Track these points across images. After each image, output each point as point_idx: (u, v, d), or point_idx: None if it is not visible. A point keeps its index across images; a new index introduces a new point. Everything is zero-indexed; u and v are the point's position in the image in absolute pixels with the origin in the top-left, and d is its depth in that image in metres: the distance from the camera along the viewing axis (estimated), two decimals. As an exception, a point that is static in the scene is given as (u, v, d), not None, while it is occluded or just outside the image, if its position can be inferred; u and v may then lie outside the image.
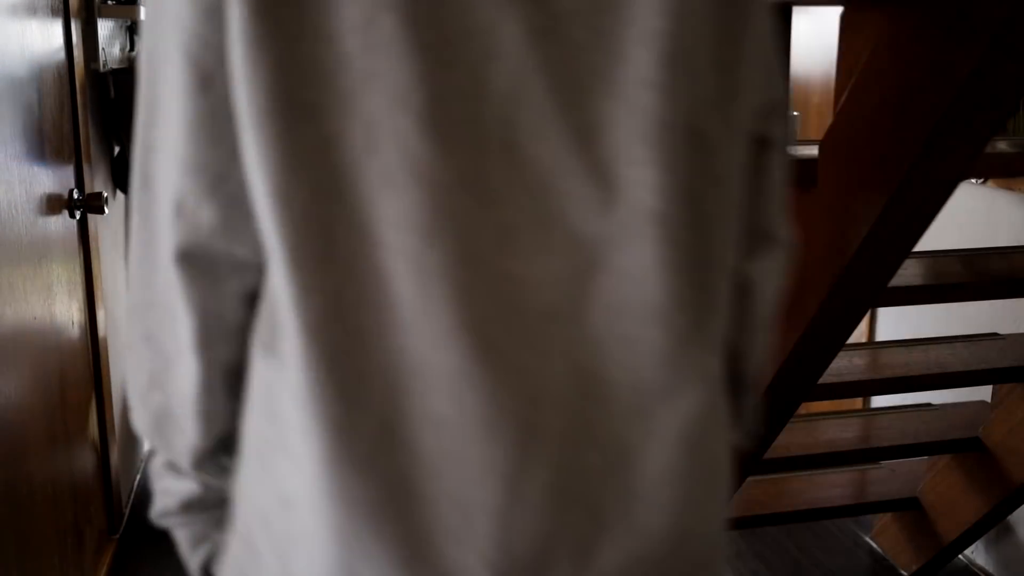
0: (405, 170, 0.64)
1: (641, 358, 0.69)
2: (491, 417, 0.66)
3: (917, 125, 1.10)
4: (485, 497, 0.67)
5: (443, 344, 0.66)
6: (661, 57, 0.65)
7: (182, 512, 0.92)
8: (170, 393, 0.76)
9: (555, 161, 0.67)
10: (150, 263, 0.72)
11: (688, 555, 0.73)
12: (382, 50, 0.62)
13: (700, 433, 0.71)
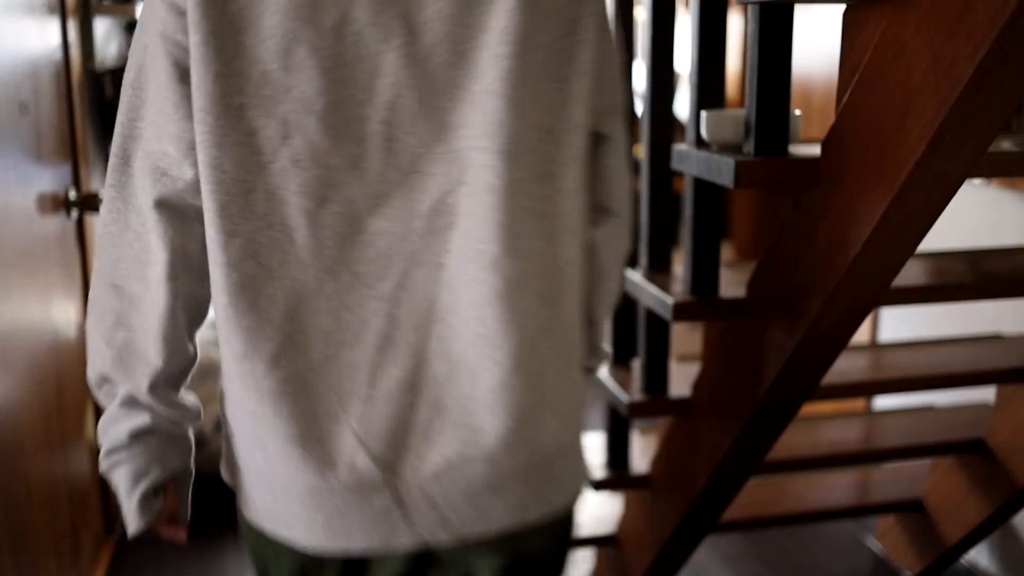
0: (308, 155, 0.94)
1: (483, 296, 0.96)
2: (359, 330, 0.97)
3: (920, 124, 1.09)
4: (353, 388, 0.97)
5: (328, 278, 0.96)
6: (503, 74, 0.94)
7: (130, 443, 1.12)
8: (135, 327, 1.02)
9: (422, 150, 0.96)
10: (123, 223, 0.99)
11: (518, 454, 0.99)
12: (294, 70, 0.92)
13: (530, 357, 0.98)
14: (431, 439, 0.99)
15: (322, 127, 0.94)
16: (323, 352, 0.98)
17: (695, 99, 1.57)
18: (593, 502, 2.28)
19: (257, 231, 0.95)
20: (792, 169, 1.34)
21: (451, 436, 0.98)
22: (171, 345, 1.07)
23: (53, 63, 2.11)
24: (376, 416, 0.98)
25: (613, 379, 1.95)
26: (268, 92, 0.92)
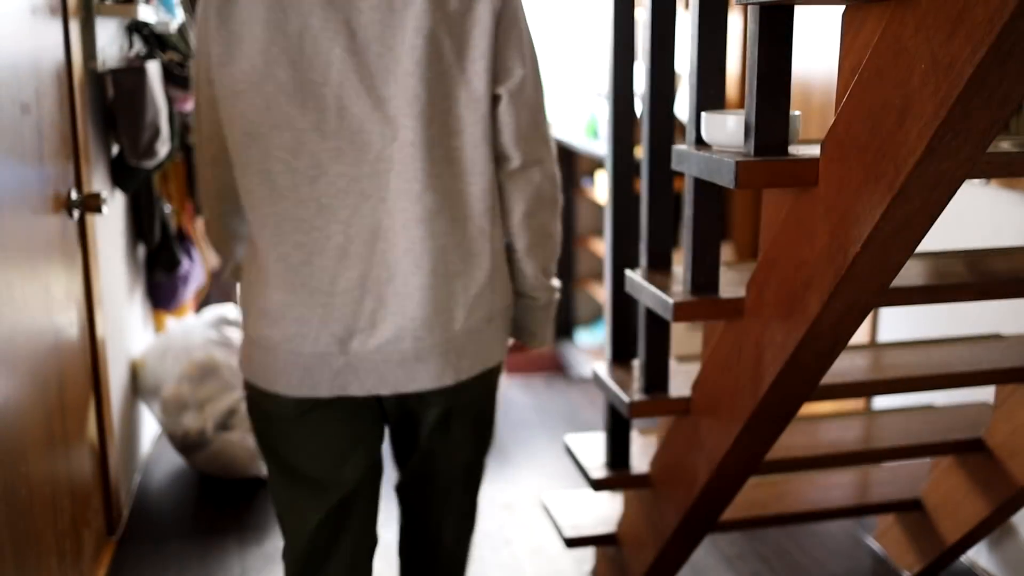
0: (283, 122, 1.38)
1: (411, 220, 1.41)
2: (324, 244, 1.42)
3: (919, 125, 1.09)
4: (320, 285, 1.43)
5: (303, 207, 1.41)
6: (417, 60, 1.36)
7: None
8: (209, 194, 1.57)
9: (364, 116, 1.39)
10: (200, 162, 1.55)
11: (435, 335, 1.46)
12: (272, 65, 1.36)
13: (443, 265, 1.44)
14: (375, 323, 1.45)
15: (292, 102, 1.38)
16: (300, 260, 1.43)
17: (695, 100, 1.57)
18: (593, 502, 2.28)
19: (254, 175, 1.42)
20: (792, 169, 1.34)
21: (389, 322, 1.45)
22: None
23: (55, 64, 2.11)
24: (336, 305, 1.44)
25: (613, 379, 1.95)
26: (255, 80, 1.38)
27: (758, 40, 1.34)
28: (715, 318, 1.65)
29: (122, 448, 2.76)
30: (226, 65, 1.39)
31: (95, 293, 2.38)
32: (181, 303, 3.32)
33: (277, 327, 1.46)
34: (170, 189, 3.22)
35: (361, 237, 1.42)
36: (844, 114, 1.24)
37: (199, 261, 3.33)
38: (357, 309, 1.45)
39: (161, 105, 2.69)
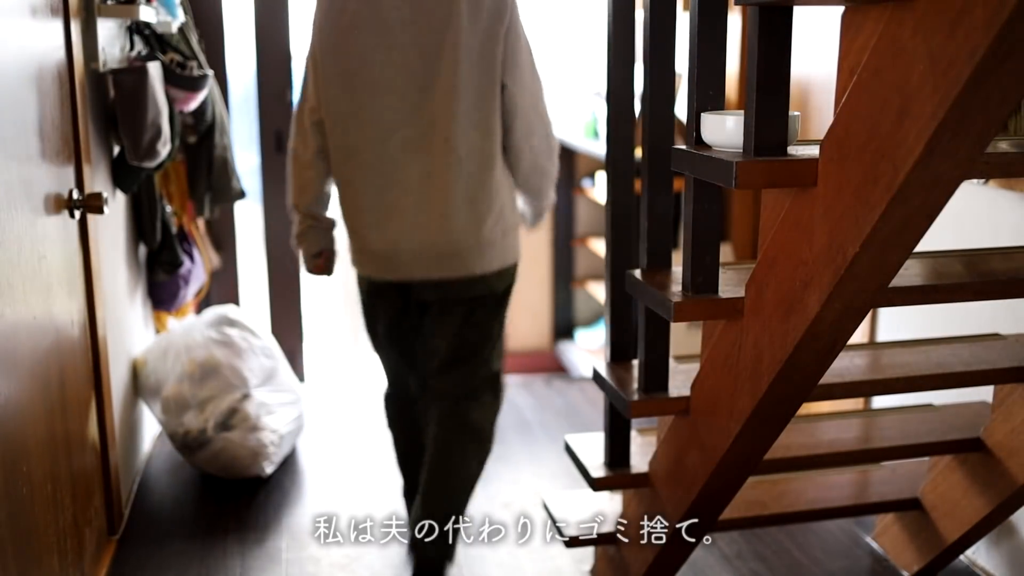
0: (343, 104, 2.25)
1: (449, 166, 2.22)
2: (391, 182, 2.26)
3: (918, 125, 1.10)
4: (385, 209, 2.29)
5: (366, 159, 2.26)
6: (454, 57, 2.15)
7: (304, 232, 2.45)
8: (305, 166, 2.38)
9: (421, 101, 2.20)
10: (297, 128, 2.37)
11: (466, 238, 2.26)
12: (330, 68, 2.24)
13: (468, 199, 2.24)
14: (416, 234, 2.27)
15: (346, 93, 2.24)
16: (374, 194, 2.28)
17: (695, 100, 1.58)
18: (593, 501, 2.29)
19: (338, 136, 2.28)
20: (791, 170, 1.35)
21: (425, 232, 2.26)
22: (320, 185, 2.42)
23: (56, 64, 2.11)
24: (394, 221, 2.28)
25: (613, 379, 1.96)
26: (329, 77, 2.25)
27: (758, 40, 1.35)
28: (714, 318, 1.66)
29: (123, 447, 2.76)
30: (317, 67, 2.29)
31: (96, 293, 2.39)
32: (182, 303, 3.32)
33: (367, 236, 2.33)
34: (171, 189, 3.22)
35: (416, 177, 2.25)
36: (843, 114, 1.24)
37: (200, 261, 3.33)
38: (407, 225, 2.28)
39: (162, 105, 2.70)
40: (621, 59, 1.92)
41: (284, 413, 3.08)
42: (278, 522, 2.79)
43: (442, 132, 2.20)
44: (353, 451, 3.35)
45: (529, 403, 3.87)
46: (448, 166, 2.21)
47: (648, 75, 1.76)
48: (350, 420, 3.68)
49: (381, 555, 2.58)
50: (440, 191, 2.23)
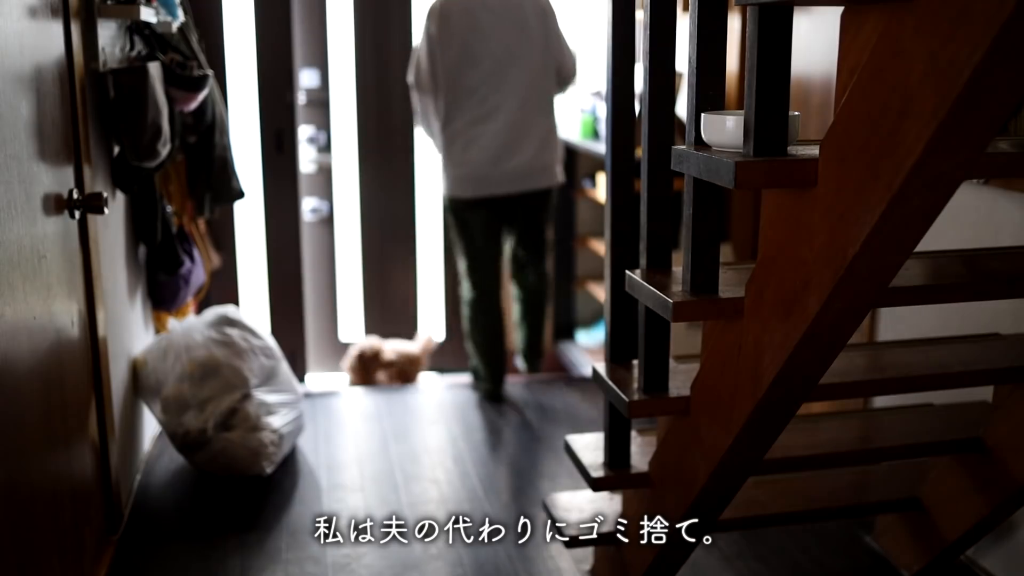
0: (462, 73, 3.58)
1: (525, 108, 3.61)
2: (487, 118, 3.59)
3: (918, 125, 1.10)
4: (484, 139, 3.61)
5: (478, 100, 3.59)
6: (526, 49, 3.61)
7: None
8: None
9: (511, 68, 3.59)
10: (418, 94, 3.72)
11: (533, 167, 3.63)
12: (454, 49, 3.56)
13: (546, 134, 3.68)
14: (505, 158, 3.57)
15: (466, 65, 3.55)
16: (472, 126, 3.58)
17: (694, 100, 1.58)
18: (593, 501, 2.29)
19: (453, 89, 3.58)
20: (791, 170, 1.35)
21: (511, 159, 3.58)
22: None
23: (56, 64, 2.12)
24: (487, 148, 3.57)
25: (613, 379, 1.96)
26: (451, 55, 3.54)
27: (757, 40, 1.35)
28: (714, 318, 1.66)
29: (123, 447, 2.76)
30: (430, 47, 3.57)
31: (96, 293, 2.39)
32: (182, 303, 3.32)
33: (463, 162, 3.59)
34: (171, 189, 3.22)
35: (504, 115, 3.56)
36: (843, 114, 1.24)
37: (200, 261, 3.33)
38: (499, 151, 3.56)
39: (162, 105, 2.70)
40: (621, 59, 1.92)
41: (284, 413, 3.08)
42: (278, 522, 2.79)
43: (521, 81, 3.59)
44: (353, 451, 3.35)
45: (529, 403, 3.87)
46: (528, 105, 3.60)
47: (648, 75, 1.76)
48: (350, 420, 3.68)
49: (381, 555, 2.58)
50: (520, 126, 3.60)
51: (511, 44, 3.55)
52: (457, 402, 3.90)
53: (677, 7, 1.75)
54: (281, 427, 3.03)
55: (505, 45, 3.54)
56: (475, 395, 3.95)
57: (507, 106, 3.56)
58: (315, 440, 3.41)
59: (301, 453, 3.27)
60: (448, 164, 3.61)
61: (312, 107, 4.56)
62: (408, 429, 3.58)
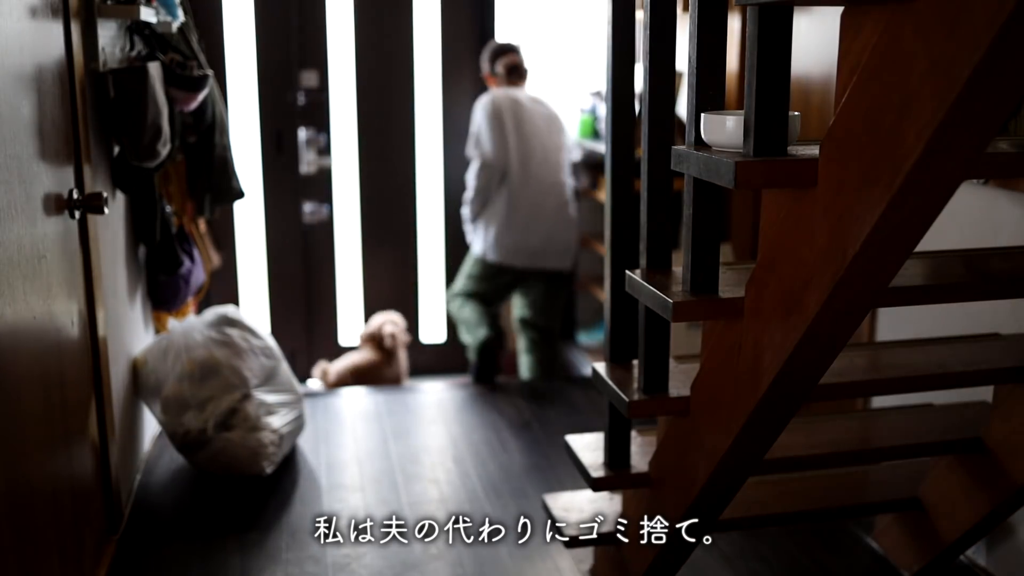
0: (516, 150, 4.21)
1: (549, 196, 4.28)
2: (529, 205, 4.23)
3: (918, 125, 1.10)
4: (523, 234, 4.23)
5: (524, 183, 4.22)
6: (549, 145, 4.30)
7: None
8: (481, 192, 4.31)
9: (543, 161, 4.29)
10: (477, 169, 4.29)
11: (556, 246, 4.25)
12: (506, 138, 4.21)
13: (561, 212, 4.28)
14: (532, 238, 4.19)
15: (524, 158, 4.22)
16: (527, 212, 4.21)
17: (694, 100, 1.58)
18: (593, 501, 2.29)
19: (508, 169, 4.20)
20: (791, 170, 1.35)
21: (536, 238, 4.20)
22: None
23: (56, 64, 2.12)
24: (521, 231, 4.19)
25: (613, 379, 1.96)
26: (506, 135, 4.20)
27: (757, 40, 1.35)
28: (714, 318, 1.66)
29: (123, 447, 2.76)
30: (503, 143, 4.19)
31: (96, 293, 2.39)
32: (182, 303, 3.32)
33: (499, 237, 4.21)
34: (171, 189, 3.22)
35: (545, 206, 4.22)
36: (843, 115, 1.24)
37: (200, 261, 3.33)
38: (529, 233, 4.19)
39: (162, 105, 2.70)
40: (621, 59, 1.92)
41: (284, 413, 3.08)
42: (278, 522, 2.79)
43: (545, 180, 4.23)
44: (353, 451, 3.35)
45: (529, 403, 3.87)
46: (552, 195, 4.25)
47: (648, 75, 1.76)
48: (350, 420, 3.68)
49: (381, 555, 2.58)
50: (553, 214, 4.25)
51: (545, 141, 4.25)
52: (457, 402, 3.90)
53: (677, 7, 1.75)
54: (281, 427, 3.03)
55: (541, 142, 4.24)
56: (473, 392, 3.95)
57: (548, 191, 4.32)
58: (315, 440, 3.41)
59: (301, 453, 3.27)
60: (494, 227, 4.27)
61: (312, 108, 4.56)
62: (408, 429, 3.58)
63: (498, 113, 4.12)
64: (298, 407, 3.19)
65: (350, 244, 4.75)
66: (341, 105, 4.61)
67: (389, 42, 4.58)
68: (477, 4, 4.64)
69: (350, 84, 4.59)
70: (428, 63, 4.68)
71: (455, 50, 4.68)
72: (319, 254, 4.69)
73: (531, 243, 4.16)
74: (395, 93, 4.63)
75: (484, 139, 4.13)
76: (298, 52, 4.50)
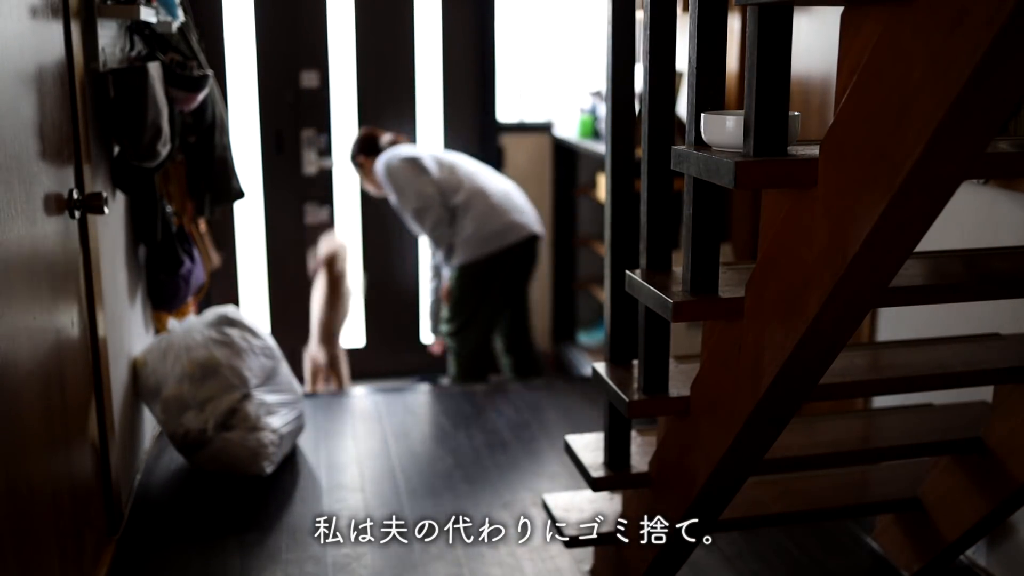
0: (448, 176, 4.14)
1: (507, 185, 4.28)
2: (495, 193, 4.16)
3: (918, 125, 1.10)
4: (502, 211, 4.14)
5: (476, 190, 4.12)
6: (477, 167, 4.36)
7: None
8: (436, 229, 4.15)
9: (474, 166, 4.31)
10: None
11: (530, 210, 4.22)
12: (428, 174, 4.14)
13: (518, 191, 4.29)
14: (512, 212, 4.13)
15: (462, 175, 4.15)
16: (494, 201, 4.13)
17: (694, 100, 1.58)
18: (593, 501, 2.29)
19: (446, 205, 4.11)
20: (791, 170, 1.35)
21: (515, 210, 4.14)
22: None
23: (56, 64, 2.12)
24: (500, 212, 4.12)
25: (613, 379, 1.96)
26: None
27: (757, 40, 1.35)
28: (714, 318, 1.66)
29: (123, 447, 2.76)
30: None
31: (96, 293, 2.39)
32: (182, 303, 3.32)
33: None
34: (171, 189, 3.22)
35: (504, 192, 4.18)
36: (843, 115, 1.24)
37: (200, 261, 3.33)
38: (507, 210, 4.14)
39: (162, 106, 2.70)
40: (621, 59, 1.92)
41: (284, 413, 3.08)
42: (278, 522, 2.79)
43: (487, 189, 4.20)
44: (353, 451, 3.35)
45: (529, 403, 3.87)
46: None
47: (648, 75, 1.76)
48: (350, 420, 3.68)
49: (381, 555, 2.58)
50: None
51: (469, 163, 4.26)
52: (457, 402, 3.90)
53: (677, 7, 1.75)
54: (281, 427, 3.03)
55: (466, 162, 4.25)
56: (474, 392, 3.95)
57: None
58: (315, 440, 3.41)
59: (301, 453, 3.27)
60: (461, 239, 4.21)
61: (312, 108, 4.56)
62: (408, 429, 3.58)
63: (408, 161, 4.06)
64: (298, 407, 3.19)
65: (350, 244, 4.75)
66: (341, 105, 4.61)
67: (389, 42, 4.58)
68: (477, 4, 4.64)
69: (350, 84, 4.59)
70: (428, 63, 4.68)
71: (456, 50, 4.68)
72: (319, 254, 4.69)
73: (512, 216, 4.10)
74: (396, 93, 4.63)
75: (410, 189, 4.03)
76: (298, 52, 4.50)
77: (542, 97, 4.84)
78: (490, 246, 4.07)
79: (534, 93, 4.85)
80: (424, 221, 4.04)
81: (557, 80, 4.80)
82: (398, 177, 4.05)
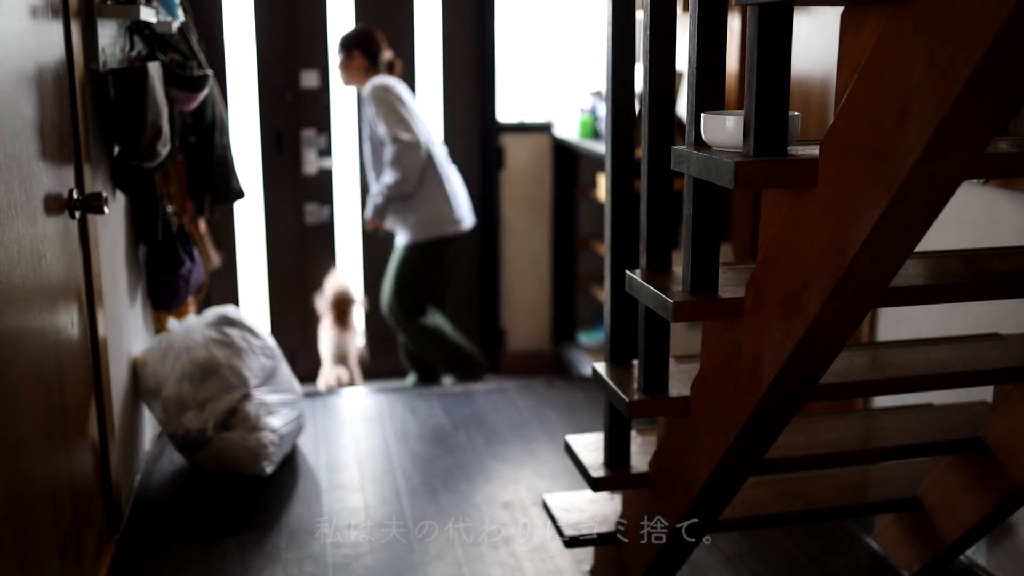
0: (426, 129, 4.20)
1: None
2: (452, 174, 4.30)
3: (918, 125, 1.10)
4: (456, 200, 4.27)
5: (441, 158, 4.26)
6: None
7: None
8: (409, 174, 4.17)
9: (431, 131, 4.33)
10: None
11: (468, 206, 4.38)
12: (417, 118, 4.16)
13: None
14: (462, 203, 4.28)
15: (430, 136, 4.20)
16: (447, 185, 4.24)
17: (694, 100, 1.58)
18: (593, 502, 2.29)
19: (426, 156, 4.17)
20: (791, 169, 1.35)
21: (463, 203, 4.28)
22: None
23: (56, 64, 2.12)
24: (456, 198, 4.26)
25: (613, 379, 1.96)
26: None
27: (758, 40, 1.35)
28: (714, 318, 1.66)
29: (123, 447, 2.76)
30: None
31: (96, 293, 2.39)
32: (182, 303, 3.32)
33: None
34: (171, 189, 3.22)
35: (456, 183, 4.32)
36: (843, 114, 1.24)
37: (200, 261, 3.33)
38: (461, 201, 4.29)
39: (162, 105, 2.70)
40: (621, 59, 1.92)
41: (284, 413, 3.08)
42: (278, 522, 2.79)
43: None
44: (353, 451, 3.35)
45: (529, 403, 3.87)
46: None
47: (648, 75, 1.76)
48: (350, 420, 3.68)
49: (381, 555, 2.58)
50: None
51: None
52: (457, 403, 3.90)
53: (677, 7, 1.75)
54: (281, 427, 3.03)
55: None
56: (474, 392, 3.95)
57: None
58: (315, 440, 3.41)
59: (301, 453, 3.27)
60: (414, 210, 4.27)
61: (312, 108, 4.56)
62: (408, 429, 3.58)
63: (404, 96, 4.10)
64: (298, 407, 3.19)
65: (350, 245, 4.75)
66: (341, 105, 4.61)
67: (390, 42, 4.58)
68: (477, 4, 4.64)
69: (350, 84, 4.59)
70: (429, 63, 4.68)
71: (455, 50, 4.68)
72: (319, 254, 4.69)
73: (462, 209, 4.24)
74: (395, 93, 4.63)
75: (406, 120, 4.03)
76: (298, 52, 4.50)
77: (542, 97, 4.84)
78: (445, 229, 4.19)
79: (534, 93, 4.85)
80: (403, 158, 4.02)
81: (557, 80, 4.80)
82: (395, 106, 4.03)
